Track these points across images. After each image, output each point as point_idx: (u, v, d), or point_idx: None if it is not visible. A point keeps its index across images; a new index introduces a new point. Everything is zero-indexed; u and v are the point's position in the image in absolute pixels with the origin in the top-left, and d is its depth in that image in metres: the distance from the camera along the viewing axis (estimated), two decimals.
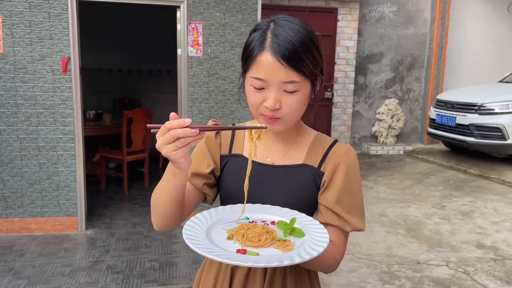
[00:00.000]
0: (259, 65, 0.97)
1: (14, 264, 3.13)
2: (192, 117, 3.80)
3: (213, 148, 1.14)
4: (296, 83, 0.97)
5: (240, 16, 3.76)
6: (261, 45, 0.97)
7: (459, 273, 3.23)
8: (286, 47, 0.95)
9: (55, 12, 3.44)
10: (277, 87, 0.97)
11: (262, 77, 0.97)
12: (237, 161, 1.13)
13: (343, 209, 1.04)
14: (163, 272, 3.09)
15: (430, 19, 7.91)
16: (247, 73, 1.01)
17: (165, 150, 0.84)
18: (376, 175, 6.05)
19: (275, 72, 0.95)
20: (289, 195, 1.07)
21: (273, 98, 0.97)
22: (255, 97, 1.00)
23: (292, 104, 0.99)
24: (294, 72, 0.95)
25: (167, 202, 0.98)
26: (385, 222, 4.26)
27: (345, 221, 1.04)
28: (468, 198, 5.06)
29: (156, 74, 7.16)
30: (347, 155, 1.08)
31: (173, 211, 1.00)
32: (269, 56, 0.95)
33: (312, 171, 1.08)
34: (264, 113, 1.00)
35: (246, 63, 1.01)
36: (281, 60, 0.94)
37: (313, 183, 1.08)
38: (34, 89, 3.50)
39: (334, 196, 1.04)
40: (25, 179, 3.59)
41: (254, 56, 0.98)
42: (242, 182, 1.05)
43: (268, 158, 1.11)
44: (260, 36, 0.98)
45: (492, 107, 6.24)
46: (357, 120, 7.90)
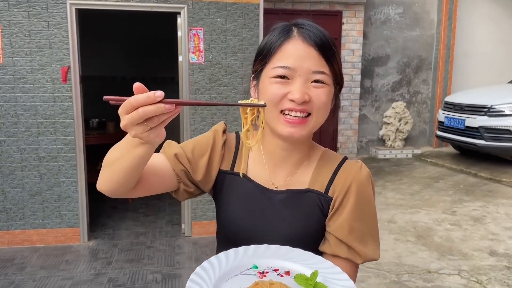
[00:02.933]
0: (285, 53, 0.87)
1: (15, 278, 3.08)
2: (194, 124, 3.74)
3: (215, 157, 1.00)
4: (326, 75, 0.88)
5: (241, 21, 3.69)
6: (286, 35, 0.89)
7: (471, 282, 3.12)
8: (317, 34, 0.88)
9: (54, 21, 3.40)
10: (305, 78, 0.87)
11: (289, 65, 0.86)
12: (238, 180, 1.00)
13: (354, 239, 0.91)
14: (166, 285, 3.02)
15: (437, 20, 7.80)
16: (266, 67, 0.90)
17: (134, 132, 0.69)
18: (384, 180, 5.93)
19: (305, 59, 0.86)
20: (293, 225, 0.94)
21: (300, 89, 0.86)
22: (277, 89, 0.87)
23: (321, 97, 0.88)
24: (325, 63, 0.88)
25: (123, 170, 0.81)
26: (394, 229, 4.15)
27: (355, 252, 0.92)
28: (479, 203, 4.93)
29: (161, 81, 7.12)
30: (359, 175, 0.95)
31: (125, 180, 0.84)
32: (299, 43, 0.87)
33: (318, 197, 0.95)
34: (288, 107, 0.87)
35: (267, 56, 0.90)
36: (314, 46, 0.87)
37: (319, 211, 0.95)
38: (34, 99, 3.45)
39: (343, 225, 0.92)
40: (26, 190, 3.54)
41: (277, 47, 0.88)
42: (245, 206, 0.96)
43: (272, 181, 0.99)
44: (283, 28, 0.91)
45: (502, 108, 6.10)
46: (364, 124, 7.79)
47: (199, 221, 3.85)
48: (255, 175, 1.00)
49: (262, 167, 1.00)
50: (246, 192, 0.98)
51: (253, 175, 1.00)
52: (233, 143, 1.04)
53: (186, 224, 3.87)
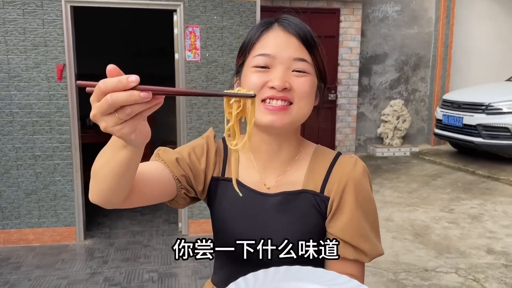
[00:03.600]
0: (265, 42, 0.86)
1: (10, 277, 3.06)
2: (191, 122, 3.72)
3: (210, 163, 0.99)
4: (307, 63, 0.86)
5: (238, 19, 3.67)
6: (267, 26, 0.88)
7: (469, 280, 3.11)
8: (298, 25, 0.87)
9: (49, 18, 3.37)
10: (286, 65, 0.85)
11: (269, 52, 0.85)
12: (230, 186, 0.95)
13: (359, 239, 0.89)
14: (162, 284, 3.00)
15: (435, 18, 7.78)
16: (247, 60, 0.89)
17: (104, 124, 0.59)
18: (382, 178, 5.92)
19: (286, 46, 0.85)
20: (289, 229, 0.91)
21: (280, 76, 0.83)
22: (257, 78, 0.85)
23: (302, 86, 0.85)
24: (306, 51, 0.86)
25: (109, 177, 0.73)
26: (391, 227, 4.14)
27: (362, 252, 0.89)
28: (477, 201, 4.92)
29: (158, 80, 7.09)
30: (354, 172, 0.91)
31: (115, 189, 0.76)
32: (279, 32, 0.86)
33: (314, 197, 0.92)
34: (268, 95, 0.84)
35: (247, 47, 0.89)
36: (294, 34, 0.85)
37: (316, 212, 0.92)
38: (29, 97, 3.43)
39: (346, 226, 0.88)
40: (21, 189, 3.52)
41: (258, 36, 0.87)
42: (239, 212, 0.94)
43: (264, 182, 0.96)
44: (264, 22, 0.90)
45: (500, 106, 6.10)
46: (362, 122, 7.78)
47: (196, 220, 3.83)
48: (246, 179, 0.96)
49: (252, 168, 0.97)
50: (239, 198, 0.94)
51: (244, 178, 0.97)
52: (221, 149, 1.01)
53: (183, 223, 3.86)
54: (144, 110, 0.59)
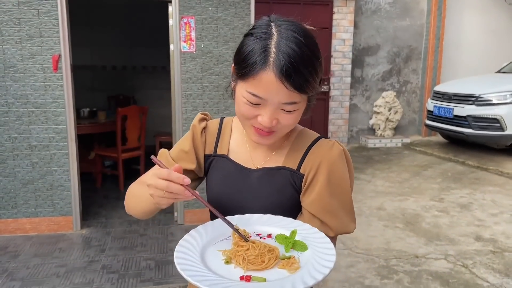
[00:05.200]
0: (259, 82, 0.88)
1: (8, 266, 3.10)
2: (186, 113, 3.75)
3: (197, 145, 1.11)
4: (296, 103, 0.92)
5: (233, 10, 3.70)
6: (264, 61, 0.87)
7: (457, 266, 3.20)
8: (291, 68, 0.86)
9: (44, 9, 3.38)
10: (275, 107, 0.91)
11: (261, 96, 0.90)
12: (221, 161, 1.10)
13: (326, 214, 0.98)
14: (159, 271, 3.06)
15: (427, 10, 7.84)
16: (243, 83, 0.92)
17: (153, 192, 0.84)
18: (374, 169, 6.01)
19: (277, 93, 0.89)
20: (266, 200, 1.02)
21: (269, 117, 0.92)
22: (248, 110, 0.93)
23: (289, 121, 0.95)
24: (296, 93, 0.89)
25: (140, 213, 1.04)
26: (383, 216, 4.23)
27: (328, 226, 0.98)
28: (467, 190, 5.03)
29: (151, 70, 7.10)
30: (329, 153, 1.00)
31: (144, 217, 1.07)
32: (272, 76, 0.87)
33: (291, 174, 1.02)
34: (257, 126, 0.95)
35: (243, 74, 0.91)
36: (285, 82, 0.87)
37: (291, 187, 1.02)
38: (25, 87, 3.44)
39: (315, 201, 0.98)
40: (18, 179, 3.55)
41: (254, 71, 0.89)
42: (226, 185, 1.05)
43: (253, 162, 1.08)
44: (262, 49, 0.88)
45: (490, 98, 6.20)
46: (354, 113, 7.86)
47: (192, 209, 3.89)
48: (237, 156, 1.08)
49: (244, 148, 1.09)
50: (227, 171, 1.07)
51: (235, 156, 1.09)
52: (216, 127, 1.12)
53: (179, 212, 3.91)
54: (179, 198, 0.85)
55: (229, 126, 1.13)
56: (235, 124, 1.13)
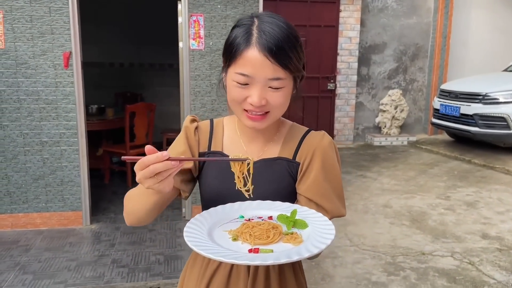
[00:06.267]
0: (245, 60, 0.95)
1: (20, 259, 3.15)
2: (195, 110, 3.79)
3: (192, 144, 1.12)
4: (282, 80, 0.97)
5: (241, 8, 3.73)
6: (247, 40, 0.95)
7: (464, 263, 3.22)
8: (273, 43, 0.94)
9: (56, 6, 3.42)
10: (263, 84, 0.96)
11: (247, 73, 0.95)
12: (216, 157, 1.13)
13: (321, 198, 1.04)
14: (168, 266, 3.10)
15: (434, 8, 7.83)
16: (230, 68, 0.99)
17: (148, 184, 0.83)
18: (380, 167, 6.03)
19: (262, 68, 0.94)
20: (265, 188, 1.07)
21: (258, 95, 0.96)
22: (238, 93, 0.98)
23: (277, 100, 0.99)
24: (281, 69, 0.95)
25: (144, 213, 0.99)
26: (389, 213, 4.25)
27: (323, 209, 1.04)
28: (473, 188, 5.04)
29: (158, 68, 7.14)
30: (322, 142, 1.09)
31: (149, 217, 1.02)
32: (256, 52, 0.94)
33: (287, 163, 1.09)
34: (248, 108, 0.99)
35: (230, 58, 0.98)
36: (269, 56, 0.94)
37: (288, 175, 1.08)
38: (36, 84, 3.49)
39: (310, 185, 1.05)
40: (29, 175, 3.60)
41: (239, 51, 0.96)
42: (224, 180, 1.07)
43: (248, 156, 1.10)
44: (245, 31, 0.96)
45: (497, 96, 6.19)
46: (360, 111, 7.87)
47: (199, 205, 3.91)
48: (231, 151, 1.12)
49: (238, 143, 1.12)
50: (223, 167, 1.09)
51: (229, 151, 1.12)
52: (207, 127, 1.16)
53: (187, 208, 3.95)
54: (173, 172, 0.84)
55: (220, 124, 1.16)
56: (226, 122, 1.16)
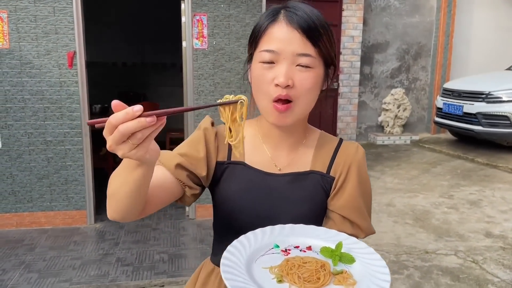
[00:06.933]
0: (270, 36, 0.88)
1: (25, 258, 3.17)
2: (198, 110, 3.79)
3: (211, 150, 1.00)
4: (311, 57, 0.88)
5: (244, 7, 3.73)
6: (273, 18, 0.89)
7: (467, 262, 3.23)
8: (302, 17, 0.87)
9: (60, 6, 3.43)
10: (290, 60, 0.87)
11: (273, 48, 0.87)
12: (238, 169, 1.00)
13: (357, 216, 0.97)
14: (173, 264, 3.11)
15: (436, 6, 7.82)
16: (257, 50, 0.91)
17: (122, 151, 0.65)
18: (383, 166, 6.03)
19: (289, 42, 0.86)
20: (300, 206, 0.97)
21: (284, 73, 0.86)
22: (264, 76, 0.89)
23: (305, 82, 0.88)
24: (310, 45, 0.87)
25: (127, 196, 0.79)
26: (392, 212, 4.25)
27: (359, 228, 0.97)
28: (476, 187, 5.03)
29: (161, 67, 7.16)
30: (357, 155, 1.01)
31: (133, 206, 0.81)
32: (283, 26, 0.87)
33: (321, 177, 0.99)
34: (275, 94, 0.88)
35: (255, 40, 0.91)
36: (298, 29, 0.86)
37: (322, 190, 0.99)
38: (40, 83, 3.51)
39: (346, 202, 0.97)
40: (33, 174, 3.62)
41: (264, 29, 0.89)
42: (249, 195, 0.96)
43: (274, 163, 1.01)
44: (271, 12, 0.91)
45: (500, 95, 6.18)
46: (363, 110, 7.86)
47: (203, 204, 3.94)
48: (255, 161, 1.00)
49: (261, 151, 1.01)
50: (248, 180, 0.98)
51: (253, 161, 1.00)
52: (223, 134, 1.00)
53: (190, 207, 3.96)
54: (152, 132, 0.66)
55: None
56: (246, 127, 1.03)
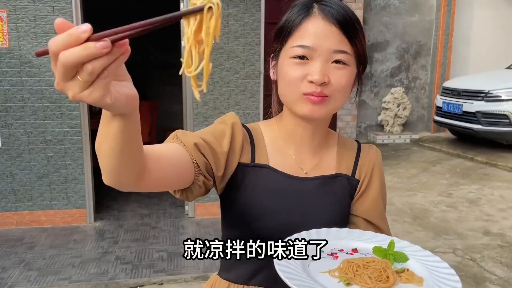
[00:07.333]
0: (305, 31, 0.83)
1: (25, 256, 3.18)
2: (197, 109, 3.81)
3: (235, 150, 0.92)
4: (347, 54, 0.84)
5: (243, 6, 3.74)
6: (307, 12, 0.84)
7: (465, 260, 3.24)
8: (339, 11, 0.83)
9: (59, 5, 3.45)
10: (325, 57, 0.83)
11: (308, 44, 0.82)
12: (262, 173, 0.93)
13: (380, 219, 0.97)
14: (171, 262, 3.13)
15: (436, 5, 7.83)
16: (285, 47, 0.86)
17: (71, 92, 0.49)
18: (382, 164, 6.02)
19: (326, 38, 0.82)
20: (331, 211, 0.94)
21: (320, 70, 0.82)
22: (297, 71, 0.83)
23: (341, 80, 0.84)
24: (347, 41, 0.83)
25: (110, 155, 0.66)
26: (391, 210, 4.26)
27: (381, 231, 0.95)
28: (475, 186, 5.04)
29: (162, 67, 7.17)
30: (378, 157, 1.01)
31: (121, 166, 0.68)
32: (319, 20, 0.83)
33: (347, 180, 0.97)
34: (308, 90, 0.83)
35: (285, 35, 0.86)
36: (336, 24, 0.82)
37: (348, 194, 0.97)
38: (40, 83, 3.52)
39: (371, 206, 0.96)
40: (33, 173, 3.63)
41: (297, 23, 0.84)
42: (277, 200, 0.91)
43: (300, 165, 0.95)
44: (303, 7, 0.86)
45: (499, 94, 6.19)
46: (362, 110, 7.87)
47: (202, 203, 3.95)
48: (279, 164, 0.95)
49: (284, 153, 0.96)
50: (274, 184, 0.92)
51: (277, 164, 0.95)
52: (247, 135, 0.96)
53: (190, 205, 3.98)
54: (109, 65, 0.49)
55: (258, 131, 0.98)
56: (264, 129, 0.99)
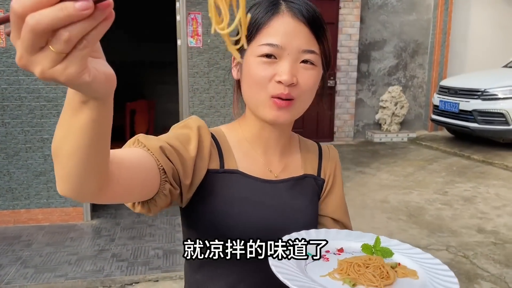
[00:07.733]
0: (273, 29, 0.79)
1: (22, 254, 3.21)
2: (193, 107, 3.84)
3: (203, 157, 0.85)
4: (315, 55, 0.81)
5: None
6: (274, 10, 0.80)
7: (458, 257, 3.27)
8: (308, 10, 0.81)
9: None
10: (294, 57, 0.80)
11: (277, 43, 0.78)
12: (232, 178, 0.88)
13: (346, 217, 0.99)
14: (167, 260, 3.16)
15: (433, 4, 7.84)
16: (251, 45, 0.82)
17: (40, 67, 0.39)
18: (379, 163, 6.06)
19: (295, 36, 0.79)
20: (305, 212, 0.92)
21: (289, 69, 0.78)
22: (265, 70, 0.79)
23: (308, 81, 0.82)
24: (315, 41, 0.81)
25: (73, 153, 0.52)
26: (386, 208, 4.29)
27: (347, 229, 0.97)
28: (471, 184, 5.07)
29: (159, 65, 7.19)
30: (336, 156, 1.03)
31: (84, 170, 0.53)
32: (288, 18, 0.79)
33: (314, 181, 0.97)
34: (275, 93, 0.80)
35: (250, 35, 0.81)
36: (305, 22, 0.79)
37: (316, 194, 0.97)
38: (37, 82, 3.54)
39: (337, 205, 0.97)
40: (30, 171, 3.66)
41: (265, 21, 0.80)
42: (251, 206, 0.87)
43: (269, 168, 0.92)
44: (270, 3, 0.82)
45: (495, 92, 6.22)
46: (360, 108, 7.90)
47: None
48: (249, 168, 0.90)
49: (252, 157, 0.92)
50: (247, 190, 0.88)
51: (246, 168, 0.90)
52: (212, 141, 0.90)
53: None
54: (90, 32, 0.39)
55: (221, 135, 0.92)
56: (227, 133, 0.93)
